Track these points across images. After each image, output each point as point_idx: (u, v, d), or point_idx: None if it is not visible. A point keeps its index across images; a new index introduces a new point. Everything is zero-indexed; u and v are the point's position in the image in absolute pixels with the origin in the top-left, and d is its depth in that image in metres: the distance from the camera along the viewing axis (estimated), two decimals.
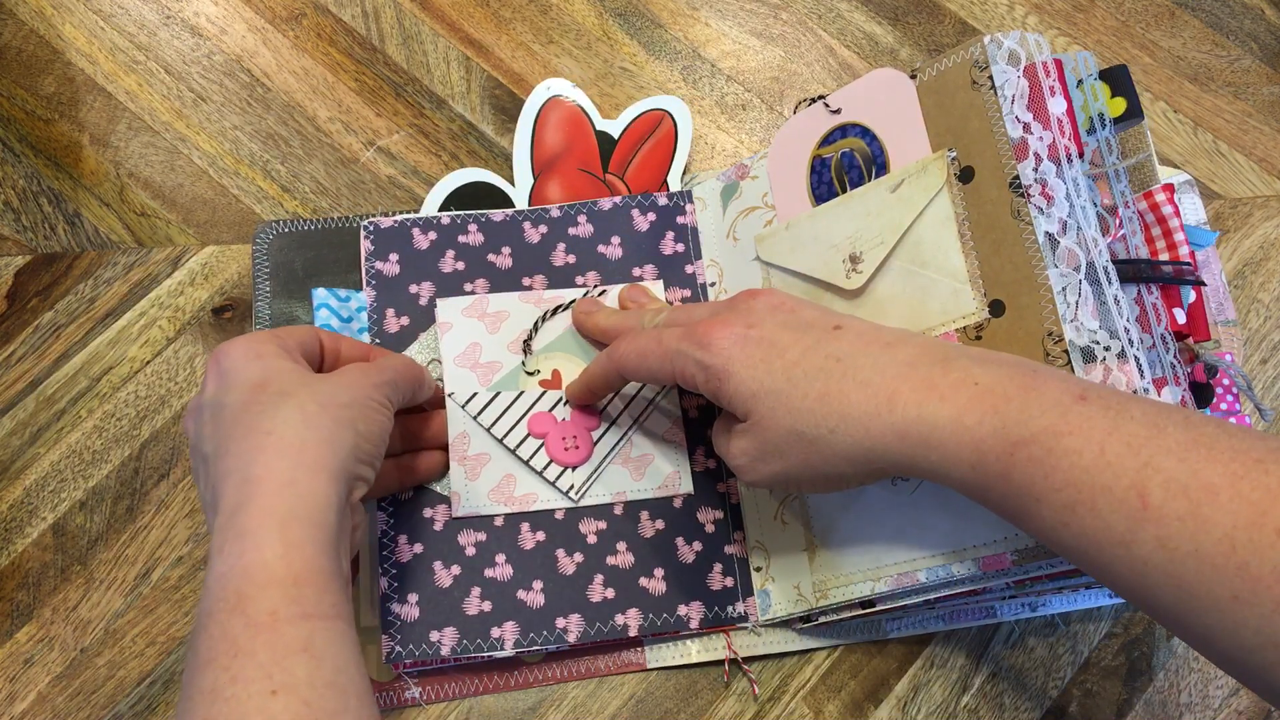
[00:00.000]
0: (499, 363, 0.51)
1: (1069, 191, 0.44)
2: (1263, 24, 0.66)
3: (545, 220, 0.55)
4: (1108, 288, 0.42)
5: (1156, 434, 0.32)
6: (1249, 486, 0.30)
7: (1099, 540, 0.32)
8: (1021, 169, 0.44)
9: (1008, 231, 0.44)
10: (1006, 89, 0.44)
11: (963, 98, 0.46)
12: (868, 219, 0.48)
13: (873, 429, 0.37)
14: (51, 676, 0.48)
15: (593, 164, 0.57)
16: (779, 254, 0.51)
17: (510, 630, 0.48)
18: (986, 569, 0.43)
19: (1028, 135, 0.44)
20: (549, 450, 0.50)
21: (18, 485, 0.51)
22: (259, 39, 0.60)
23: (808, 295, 0.50)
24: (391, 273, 0.53)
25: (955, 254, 0.45)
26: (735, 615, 0.50)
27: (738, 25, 0.64)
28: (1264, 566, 0.29)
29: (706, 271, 0.55)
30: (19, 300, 0.54)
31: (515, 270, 0.54)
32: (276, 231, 0.55)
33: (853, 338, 0.40)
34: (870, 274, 0.47)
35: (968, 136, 0.45)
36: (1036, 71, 0.45)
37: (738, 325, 0.41)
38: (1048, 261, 0.43)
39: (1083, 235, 0.43)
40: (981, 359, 0.37)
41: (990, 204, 0.44)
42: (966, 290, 0.45)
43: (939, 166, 0.46)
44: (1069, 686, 0.52)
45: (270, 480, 0.37)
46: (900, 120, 0.48)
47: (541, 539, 0.49)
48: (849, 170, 0.49)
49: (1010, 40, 0.45)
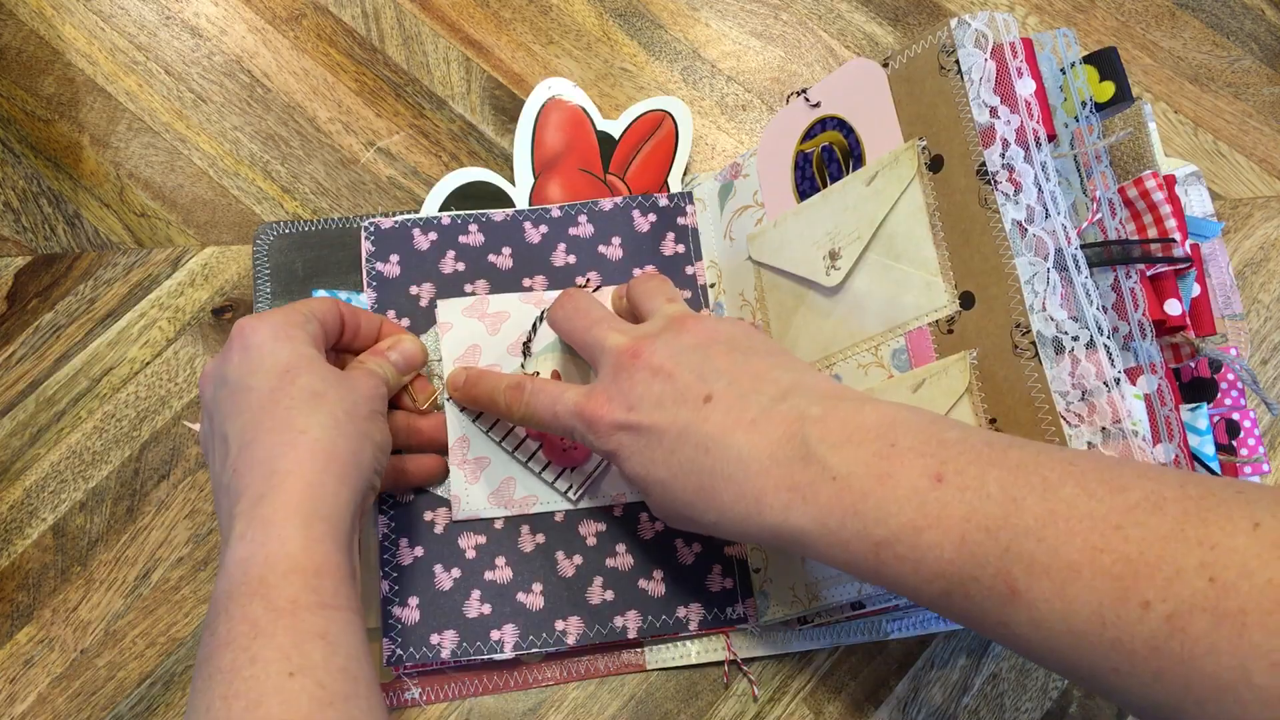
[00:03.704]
0: (498, 365, 0.51)
1: (1038, 176, 0.42)
2: (1263, 24, 0.66)
3: (546, 220, 0.55)
4: (1077, 275, 0.41)
5: (1014, 511, 0.32)
6: (1110, 560, 0.29)
7: (979, 622, 0.33)
8: (988, 155, 0.42)
9: (976, 220, 0.43)
10: (973, 73, 0.43)
11: (931, 84, 0.44)
12: (845, 214, 0.47)
13: (749, 529, 0.38)
14: (51, 677, 0.48)
15: (593, 164, 0.57)
16: (767, 253, 0.51)
17: (510, 633, 0.48)
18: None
19: (995, 120, 0.42)
20: (547, 452, 0.50)
21: (18, 486, 0.51)
22: (259, 40, 0.60)
23: (793, 294, 0.50)
24: (392, 274, 0.53)
25: (927, 246, 0.44)
26: (735, 616, 0.50)
27: (738, 26, 0.64)
28: (1135, 641, 0.29)
29: (706, 273, 0.55)
30: (19, 301, 0.54)
31: (516, 271, 0.54)
32: (277, 233, 0.55)
33: (720, 416, 0.39)
34: (848, 270, 0.47)
35: (936, 124, 0.44)
36: (1004, 53, 0.43)
37: (619, 409, 0.41)
38: (1015, 250, 0.41)
39: (1052, 221, 0.41)
40: (841, 439, 0.36)
41: (959, 193, 0.43)
42: (938, 283, 0.44)
43: (910, 157, 0.45)
44: (1069, 687, 0.52)
45: (298, 477, 0.38)
46: (873, 111, 0.47)
47: (541, 541, 0.49)
48: (829, 164, 0.49)
49: (978, 22, 0.43)
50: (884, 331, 0.46)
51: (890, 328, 0.46)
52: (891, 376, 0.45)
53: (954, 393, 0.43)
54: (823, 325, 0.48)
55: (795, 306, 0.50)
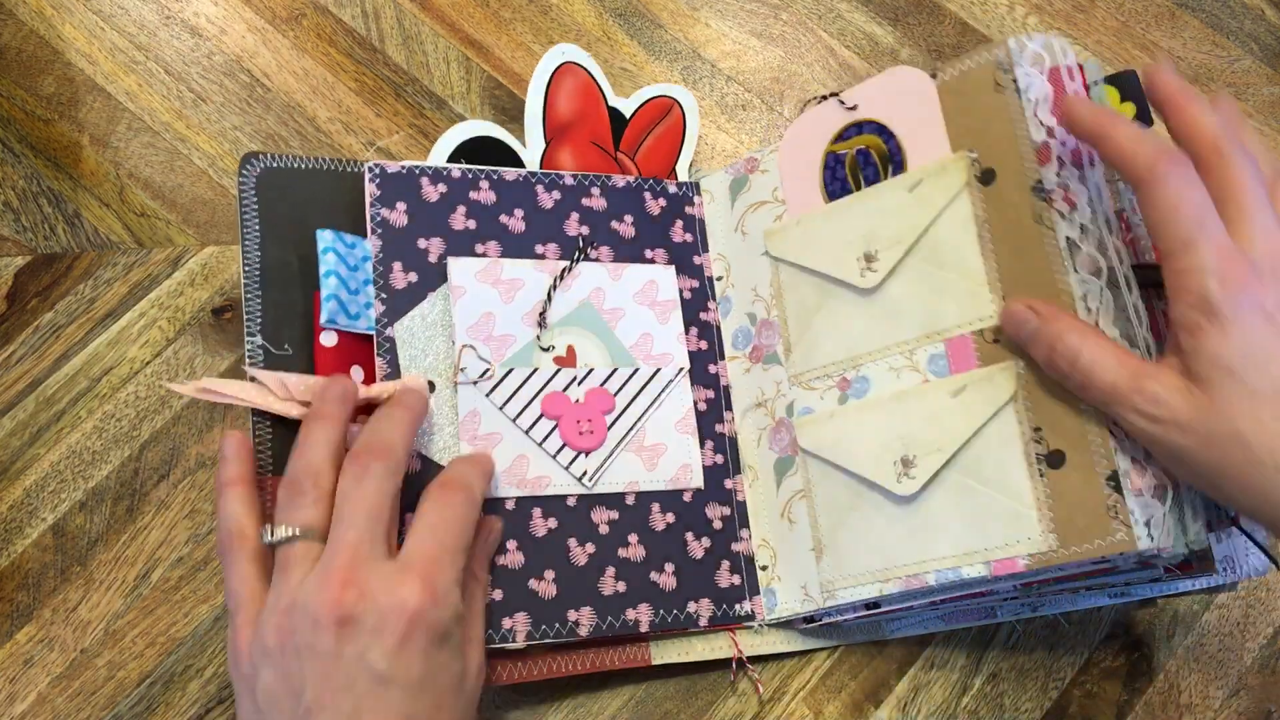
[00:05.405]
0: (512, 336, 0.50)
1: (1091, 197, 0.43)
2: (1263, 24, 0.66)
3: (559, 186, 0.54)
4: (1128, 295, 0.42)
5: None
6: None
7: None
8: (1044, 173, 0.43)
9: (1029, 236, 0.43)
10: (1030, 92, 0.44)
11: (985, 100, 0.45)
12: (883, 217, 0.48)
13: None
14: (51, 677, 0.48)
15: (604, 139, 0.57)
16: (790, 250, 0.51)
17: (522, 621, 0.46)
18: (998, 572, 0.43)
19: (1050, 139, 0.44)
20: (562, 434, 0.49)
21: (18, 486, 0.51)
22: (259, 39, 0.60)
23: (817, 292, 0.50)
24: (399, 223, 0.51)
25: (974, 256, 0.45)
26: (742, 614, 0.49)
27: (738, 25, 0.64)
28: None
29: (714, 265, 0.55)
30: (19, 300, 0.54)
31: (528, 235, 0.52)
32: (266, 165, 0.50)
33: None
34: (886, 273, 0.47)
35: (989, 139, 0.45)
36: (1061, 75, 0.44)
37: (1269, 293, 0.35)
38: (1068, 267, 0.42)
39: (1103, 241, 0.42)
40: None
41: (1011, 207, 0.44)
42: (984, 293, 0.45)
43: (960, 167, 0.46)
44: (1069, 687, 0.52)
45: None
46: (919, 120, 0.47)
47: (554, 526, 0.48)
48: (864, 167, 0.49)
49: (1034, 43, 0.45)
50: (920, 336, 0.46)
51: (928, 333, 0.46)
52: (927, 381, 0.46)
53: (998, 400, 0.44)
54: (850, 326, 0.48)
55: (819, 305, 0.50)
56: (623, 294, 0.53)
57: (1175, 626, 0.53)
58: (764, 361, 0.52)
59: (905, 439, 0.46)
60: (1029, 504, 0.43)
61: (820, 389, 0.49)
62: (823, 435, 0.48)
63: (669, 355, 0.52)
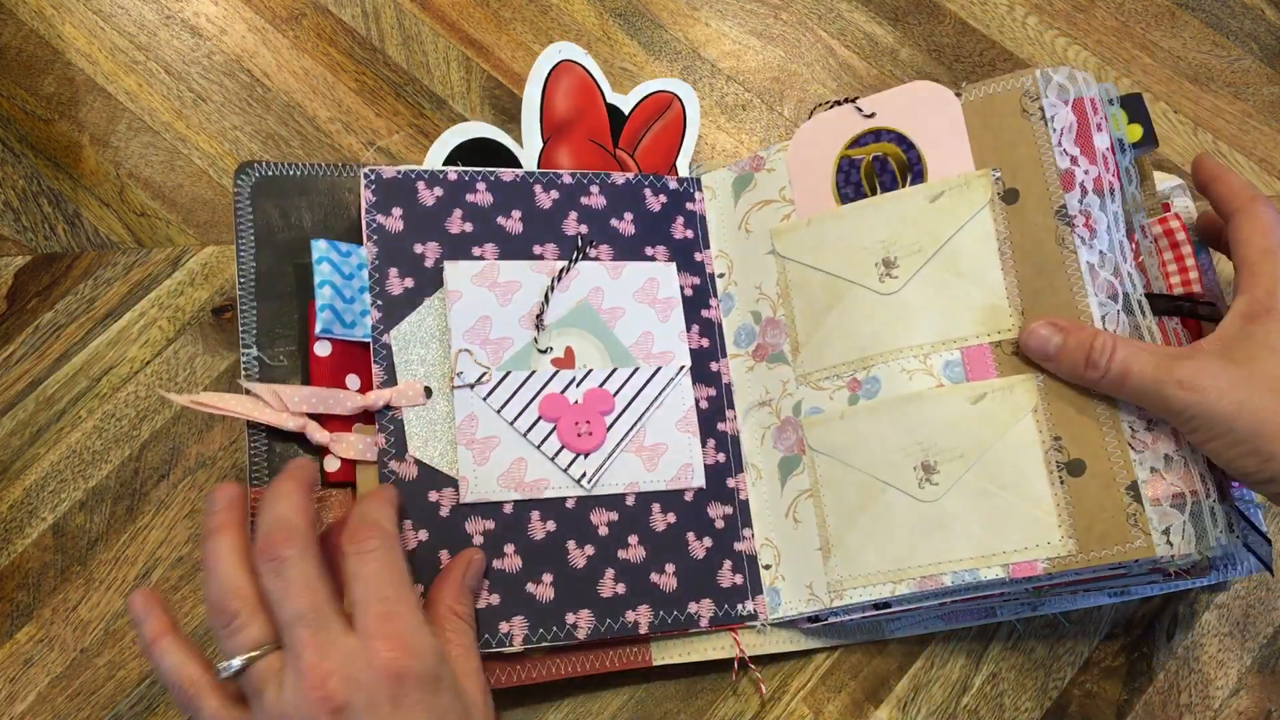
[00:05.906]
0: (509, 339, 0.50)
1: (1109, 225, 0.46)
2: (1263, 24, 0.67)
3: (557, 186, 0.53)
4: (1142, 320, 0.45)
5: None
6: None
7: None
8: (1068, 199, 0.46)
9: (1050, 257, 0.46)
10: (1056, 121, 0.47)
11: (1011, 123, 0.47)
12: (903, 225, 0.49)
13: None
14: (51, 677, 0.48)
15: (603, 136, 0.57)
16: (799, 250, 0.51)
17: (519, 625, 0.46)
18: (1015, 575, 0.44)
19: (1075, 167, 0.46)
20: (561, 436, 0.49)
21: (18, 485, 0.51)
22: (259, 39, 0.60)
23: (828, 292, 0.50)
24: (395, 228, 0.50)
25: (994, 269, 0.47)
26: (744, 614, 0.49)
27: (738, 25, 0.64)
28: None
29: (716, 262, 0.55)
30: (19, 300, 0.54)
31: (526, 236, 0.52)
32: (262, 174, 0.50)
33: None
34: (906, 279, 0.48)
35: (1015, 160, 0.47)
36: (1084, 107, 0.47)
37: None
38: (1089, 290, 0.45)
39: (1119, 268, 0.45)
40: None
41: (1034, 228, 0.46)
42: (1004, 306, 0.47)
43: (983, 184, 0.48)
44: (1069, 687, 0.52)
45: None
46: (942, 134, 0.49)
47: (552, 529, 0.48)
48: (881, 174, 0.50)
49: (1059, 75, 0.47)
50: (936, 342, 0.47)
51: (944, 339, 0.47)
52: (941, 385, 0.47)
53: (1020, 410, 0.46)
54: (863, 327, 0.49)
55: (830, 305, 0.50)
56: (622, 292, 0.52)
57: (1175, 626, 0.53)
58: (769, 360, 0.52)
59: (924, 444, 0.46)
60: (1049, 509, 0.44)
61: (830, 389, 0.49)
62: (834, 435, 0.49)
63: (670, 353, 0.52)
